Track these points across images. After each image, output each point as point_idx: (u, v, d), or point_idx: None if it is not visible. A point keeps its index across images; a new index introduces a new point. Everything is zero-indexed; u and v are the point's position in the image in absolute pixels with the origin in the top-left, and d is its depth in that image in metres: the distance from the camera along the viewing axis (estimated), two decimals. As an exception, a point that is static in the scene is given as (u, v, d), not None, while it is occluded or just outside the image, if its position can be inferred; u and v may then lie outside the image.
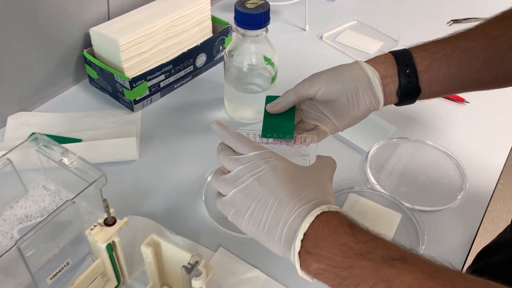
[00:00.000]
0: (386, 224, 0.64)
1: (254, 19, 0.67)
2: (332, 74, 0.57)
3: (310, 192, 0.46)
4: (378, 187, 0.68)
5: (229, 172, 0.49)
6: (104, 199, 0.48)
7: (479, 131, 0.80)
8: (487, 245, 0.70)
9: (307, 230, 0.43)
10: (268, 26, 0.70)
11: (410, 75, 0.56)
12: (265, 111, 0.59)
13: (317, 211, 0.43)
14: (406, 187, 0.70)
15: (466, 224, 0.65)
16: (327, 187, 0.48)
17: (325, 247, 0.41)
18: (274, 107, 0.58)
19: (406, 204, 0.66)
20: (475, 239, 0.64)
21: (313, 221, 0.43)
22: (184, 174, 0.70)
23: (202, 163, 0.71)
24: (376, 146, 0.75)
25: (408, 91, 0.56)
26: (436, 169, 0.73)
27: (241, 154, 0.49)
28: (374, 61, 0.57)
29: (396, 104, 0.59)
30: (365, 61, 0.57)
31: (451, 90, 0.59)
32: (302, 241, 0.43)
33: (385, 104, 0.58)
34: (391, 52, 0.57)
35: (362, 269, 0.39)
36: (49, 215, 0.49)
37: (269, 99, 0.60)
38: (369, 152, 0.74)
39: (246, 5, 0.68)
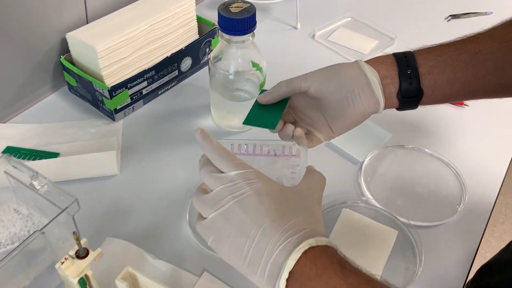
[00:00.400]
0: (382, 242, 0.60)
1: (240, 25, 0.63)
2: (328, 71, 0.55)
3: (296, 222, 0.42)
4: (373, 201, 0.65)
5: (211, 191, 0.45)
6: (74, 232, 0.44)
7: (479, 136, 0.76)
8: (489, 261, 0.67)
9: (293, 268, 0.39)
10: (255, 28, 0.65)
11: (411, 77, 0.53)
12: (255, 102, 0.58)
13: (304, 246, 0.40)
14: (402, 200, 0.66)
15: (466, 239, 0.62)
16: (315, 213, 0.45)
17: (312, 289, 0.38)
18: (265, 97, 0.57)
19: (402, 220, 0.62)
20: (476, 254, 0.61)
21: (299, 257, 0.39)
22: (167, 190, 0.66)
23: (187, 178, 0.67)
24: (370, 156, 0.71)
25: (409, 93, 0.54)
26: (434, 180, 0.69)
27: (223, 171, 0.45)
28: (373, 61, 0.55)
29: (398, 109, 0.56)
30: (364, 61, 0.55)
31: (458, 96, 0.55)
32: (287, 280, 0.39)
33: (385, 107, 0.55)
34: (393, 54, 0.55)
35: (352, 317, 0.36)
36: (15, 249, 0.45)
37: (263, 92, 0.58)
38: (363, 162, 0.70)
39: (230, 9, 0.63)
